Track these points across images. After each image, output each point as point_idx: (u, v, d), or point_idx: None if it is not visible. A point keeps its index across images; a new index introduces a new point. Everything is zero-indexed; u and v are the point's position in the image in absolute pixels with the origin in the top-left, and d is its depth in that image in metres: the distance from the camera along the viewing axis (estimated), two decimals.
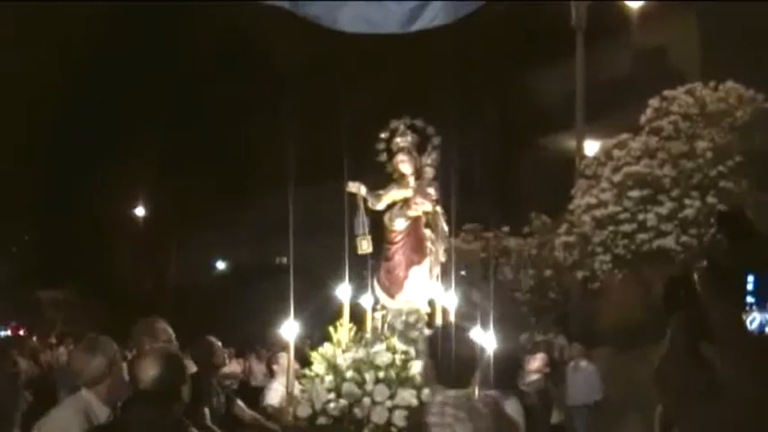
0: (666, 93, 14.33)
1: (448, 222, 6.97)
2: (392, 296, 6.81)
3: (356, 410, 5.77)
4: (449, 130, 7.24)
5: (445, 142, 6.98)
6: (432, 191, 6.90)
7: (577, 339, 12.85)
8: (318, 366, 6.11)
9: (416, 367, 5.88)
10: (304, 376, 6.14)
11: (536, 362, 8.26)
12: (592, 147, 16.99)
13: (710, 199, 12.90)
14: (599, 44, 17.48)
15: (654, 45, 19.97)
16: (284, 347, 6.68)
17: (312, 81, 18.32)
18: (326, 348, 6.25)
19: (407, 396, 5.73)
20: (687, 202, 13.01)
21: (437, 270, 6.94)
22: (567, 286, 15.11)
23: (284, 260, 24.12)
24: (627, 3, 16.67)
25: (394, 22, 5.57)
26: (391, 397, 5.77)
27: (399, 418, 5.55)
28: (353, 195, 6.76)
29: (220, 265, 32.18)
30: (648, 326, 13.48)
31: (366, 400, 5.79)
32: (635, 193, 13.42)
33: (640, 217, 13.31)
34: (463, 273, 11.89)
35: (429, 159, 7.00)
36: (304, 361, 6.29)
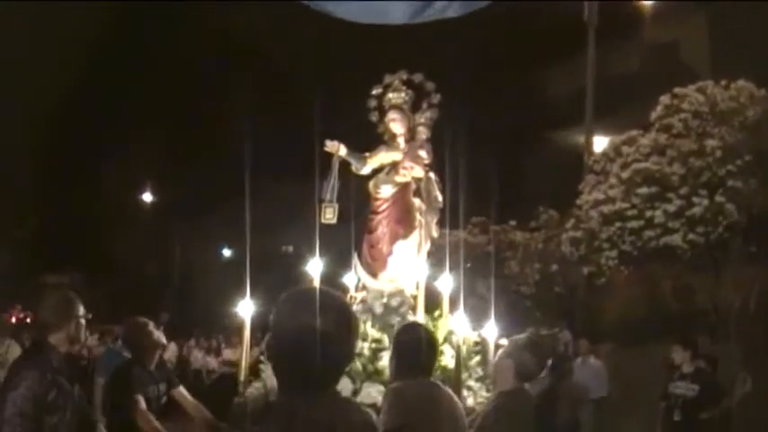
0: (677, 90, 14.29)
1: (443, 192, 6.03)
2: (374, 275, 5.88)
3: None
4: (458, 122, 6.73)
5: (455, 135, 6.20)
6: (423, 153, 6.02)
7: (582, 334, 12.85)
8: None
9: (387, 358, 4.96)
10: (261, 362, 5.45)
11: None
12: (601, 143, 16.96)
13: (718, 197, 12.87)
14: (611, 40, 17.44)
15: (666, 42, 19.91)
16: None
17: (322, 73, 18.32)
18: None
19: (373, 392, 4.93)
20: (695, 200, 12.98)
21: (427, 246, 6.01)
22: (573, 281, 15.11)
23: (290, 249, 24.18)
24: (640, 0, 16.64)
25: (403, 12, 5.56)
26: (355, 393, 5.05)
27: None
28: (331, 156, 5.95)
29: (226, 252, 32.27)
30: (653, 322, 13.50)
31: None
32: (643, 190, 13.39)
33: (648, 214, 13.28)
34: (469, 265, 11.87)
35: (423, 118, 6.15)
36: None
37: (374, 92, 6.23)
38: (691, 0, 17.42)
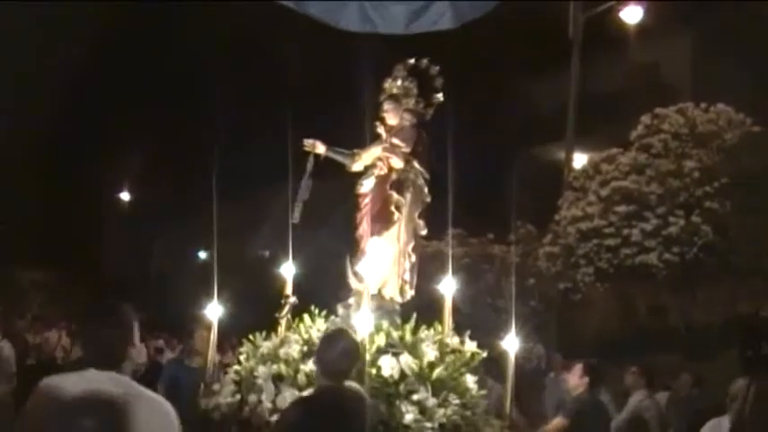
0: (658, 110, 14.43)
1: (432, 185, 5.62)
2: (359, 277, 5.46)
3: (246, 409, 4.95)
4: (440, 134, 6.54)
5: (435, 146, 5.87)
6: (397, 140, 5.57)
7: (556, 350, 12.88)
8: (243, 355, 5.30)
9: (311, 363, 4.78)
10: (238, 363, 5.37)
11: (573, 375, 6.68)
12: (581, 159, 17.05)
13: (695, 218, 13.00)
14: (594, 58, 17.55)
15: (648, 62, 20.07)
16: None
17: (305, 79, 18.30)
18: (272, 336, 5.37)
19: (288, 397, 4.73)
20: (672, 219, 13.10)
21: (411, 245, 5.59)
22: (549, 296, 15.16)
23: (266, 253, 24.08)
24: (624, 19, 16.76)
25: (396, 22, 5.54)
26: (278, 396, 4.86)
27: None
28: (308, 155, 5.64)
29: (202, 254, 32.07)
30: (627, 339, 13.57)
31: (253, 398, 4.95)
32: (621, 208, 13.49)
33: (625, 232, 13.38)
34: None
35: (410, 103, 5.76)
36: None
37: (385, 85, 5.90)
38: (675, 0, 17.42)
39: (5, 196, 24.13)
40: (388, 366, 4.92)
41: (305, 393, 4.50)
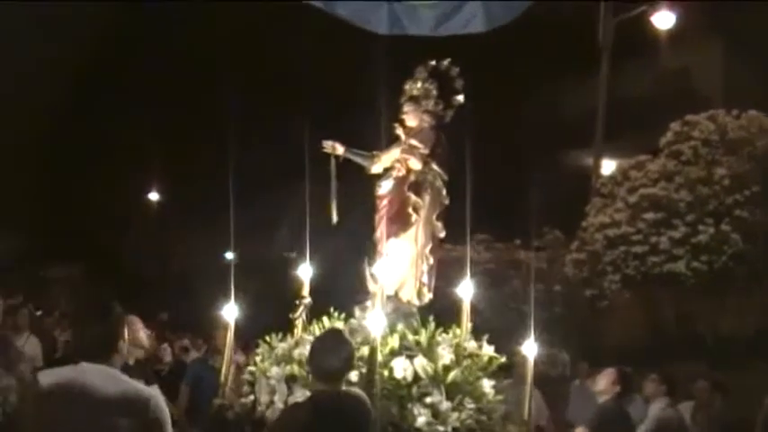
0: (688, 117, 14.28)
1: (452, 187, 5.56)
2: (376, 279, 5.33)
3: (259, 409, 4.99)
4: (467, 137, 6.43)
5: (462, 149, 5.70)
6: (415, 141, 5.54)
7: (582, 357, 12.77)
8: (259, 356, 5.33)
9: None
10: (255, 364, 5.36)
11: (603, 379, 6.53)
12: (609, 166, 16.91)
13: (724, 227, 12.85)
14: (624, 63, 17.43)
15: (678, 68, 19.89)
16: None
17: (330, 79, 18.33)
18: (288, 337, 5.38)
19: (299, 397, 4.67)
20: (701, 228, 12.95)
21: (429, 247, 5.55)
22: (575, 303, 15.05)
23: (293, 255, 24.17)
24: (655, 24, 16.61)
25: (425, 24, 5.51)
26: (290, 397, 4.88)
27: None
28: (329, 157, 5.66)
29: (229, 255, 32.12)
30: (654, 348, 13.43)
31: (266, 398, 4.98)
32: (649, 216, 13.37)
33: (653, 239, 13.26)
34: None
35: (429, 105, 5.72)
36: None
37: (406, 87, 5.87)
38: None
39: (36, 195, 24.42)
40: (401, 368, 4.88)
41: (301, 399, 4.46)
